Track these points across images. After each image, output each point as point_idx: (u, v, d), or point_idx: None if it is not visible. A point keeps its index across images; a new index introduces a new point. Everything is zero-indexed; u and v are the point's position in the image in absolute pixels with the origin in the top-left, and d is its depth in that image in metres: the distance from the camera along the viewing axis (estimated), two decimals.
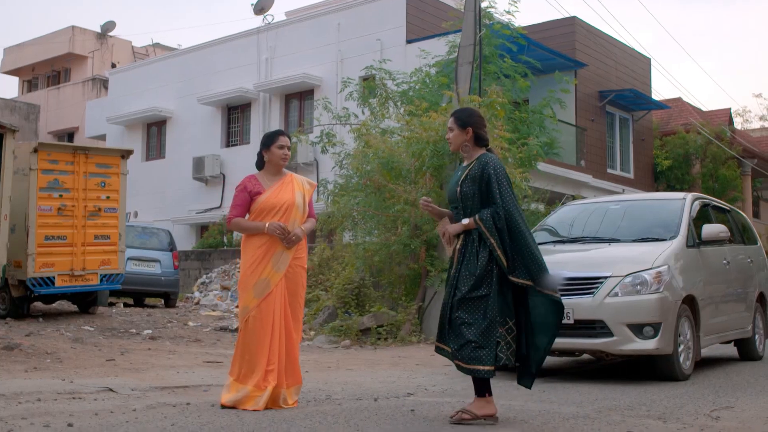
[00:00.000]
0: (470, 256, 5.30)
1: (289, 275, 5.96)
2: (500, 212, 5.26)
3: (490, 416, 5.22)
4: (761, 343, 10.34)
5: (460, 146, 5.55)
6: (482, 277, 5.22)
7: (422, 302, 12.72)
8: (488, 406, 5.23)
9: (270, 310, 5.83)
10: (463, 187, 5.43)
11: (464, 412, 5.23)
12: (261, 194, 6.07)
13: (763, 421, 5.50)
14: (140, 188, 26.61)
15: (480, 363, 5.12)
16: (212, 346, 10.96)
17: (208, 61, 27.81)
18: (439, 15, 22.54)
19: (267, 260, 5.90)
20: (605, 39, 26.41)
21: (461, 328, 5.19)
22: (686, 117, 31.82)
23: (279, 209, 6.02)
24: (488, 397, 5.24)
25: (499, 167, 5.39)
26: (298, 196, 6.12)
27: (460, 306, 5.22)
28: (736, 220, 10.51)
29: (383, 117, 15.05)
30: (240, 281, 5.97)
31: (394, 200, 12.75)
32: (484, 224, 5.27)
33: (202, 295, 18.98)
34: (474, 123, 5.53)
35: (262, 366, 5.74)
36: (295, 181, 6.25)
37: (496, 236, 5.24)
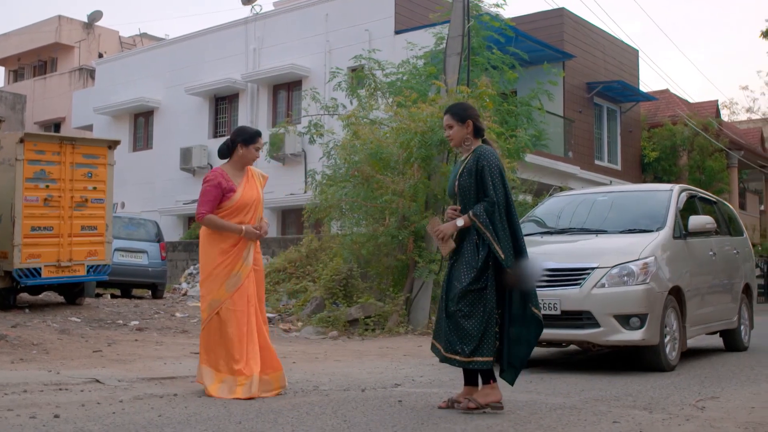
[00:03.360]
0: (470, 249, 5.32)
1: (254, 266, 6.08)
2: (494, 204, 5.27)
3: (495, 402, 5.26)
4: (746, 334, 10.41)
5: (462, 141, 5.54)
6: (483, 269, 5.25)
7: (410, 293, 12.73)
8: (493, 392, 5.27)
9: (244, 301, 5.93)
10: (461, 180, 5.44)
11: (470, 401, 5.27)
12: (234, 192, 6.04)
13: (747, 411, 5.54)
14: (127, 179, 26.52)
15: (480, 355, 5.15)
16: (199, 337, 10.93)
17: (195, 51, 27.71)
18: (427, 6, 22.51)
19: (239, 255, 5.98)
20: (593, 31, 26.45)
21: (462, 320, 5.20)
22: (673, 109, 31.93)
23: (250, 207, 6.10)
24: (492, 383, 5.28)
25: (492, 159, 5.38)
26: (261, 192, 6.22)
27: (462, 299, 5.22)
28: (723, 212, 10.56)
29: (371, 108, 15.03)
30: (207, 275, 5.97)
31: (382, 191, 12.74)
32: (479, 219, 5.27)
33: (189, 286, 18.94)
34: (472, 115, 5.55)
35: (243, 354, 5.83)
36: (255, 175, 6.26)
37: (491, 230, 5.25)
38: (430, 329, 12.18)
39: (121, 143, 15.35)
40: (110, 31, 39.64)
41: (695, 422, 5.11)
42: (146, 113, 29.41)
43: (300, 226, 20.66)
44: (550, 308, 7.49)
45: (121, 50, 36.96)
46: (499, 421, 5.03)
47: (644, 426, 4.94)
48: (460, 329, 5.20)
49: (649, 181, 28.67)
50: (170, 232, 25.49)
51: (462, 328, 5.19)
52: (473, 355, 5.16)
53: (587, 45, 25.76)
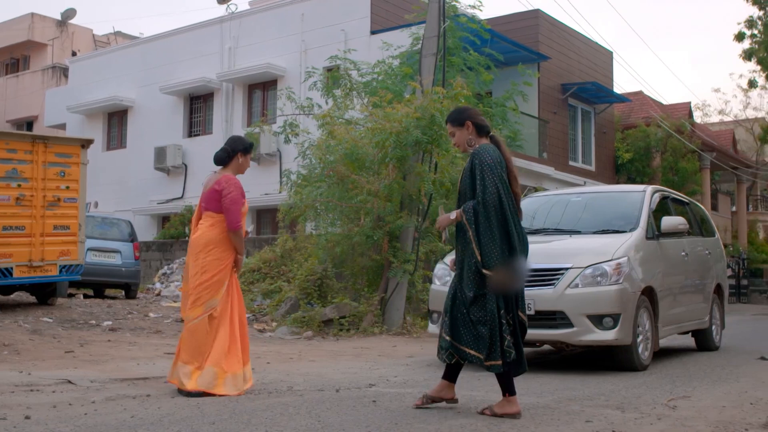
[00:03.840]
0: (470, 253, 5.28)
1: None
2: (480, 204, 5.22)
3: (512, 415, 5.15)
4: (718, 334, 10.51)
5: (466, 143, 5.46)
6: (482, 274, 5.19)
7: (384, 293, 12.73)
8: (510, 405, 5.18)
9: (229, 302, 6.15)
10: (461, 181, 5.45)
11: (487, 408, 5.26)
12: (245, 199, 6.34)
13: (718, 410, 5.59)
14: (101, 178, 26.33)
15: (493, 359, 5.13)
16: (173, 337, 10.88)
17: (170, 50, 27.55)
18: (403, 6, 22.54)
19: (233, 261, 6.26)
20: (568, 32, 26.59)
21: (477, 326, 5.17)
22: (647, 110, 32.17)
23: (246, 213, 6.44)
24: (509, 396, 5.19)
25: (484, 157, 5.26)
26: None
27: (472, 304, 5.20)
28: (695, 213, 10.65)
29: (347, 107, 15.02)
30: (214, 280, 6.06)
31: (357, 191, 12.74)
32: (466, 215, 5.26)
33: (163, 286, 18.85)
34: (469, 115, 5.50)
35: (234, 350, 6.02)
36: None
37: (473, 228, 5.20)
38: (405, 329, 12.20)
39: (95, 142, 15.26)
40: (84, 29, 39.32)
41: (667, 421, 5.15)
42: (120, 112, 29.20)
43: (275, 226, 20.62)
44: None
45: (94, 48, 36.66)
46: (473, 420, 5.05)
47: (617, 425, 4.97)
48: (476, 333, 5.17)
49: (623, 182, 28.87)
50: (144, 232, 25.34)
51: (478, 333, 5.16)
52: (488, 359, 5.14)
53: (562, 46, 25.90)
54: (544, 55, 24.08)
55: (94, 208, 26.23)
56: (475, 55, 17.61)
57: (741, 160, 40.00)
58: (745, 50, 29.46)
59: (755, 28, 29.48)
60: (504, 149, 5.43)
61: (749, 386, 6.91)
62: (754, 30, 29.54)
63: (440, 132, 12.40)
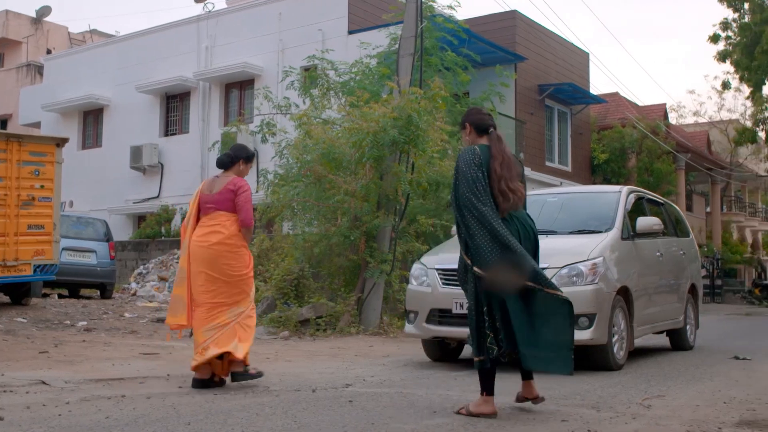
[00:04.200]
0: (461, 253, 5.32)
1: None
2: (455, 208, 5.22)
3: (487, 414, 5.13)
4: (692, 334, 10.60)
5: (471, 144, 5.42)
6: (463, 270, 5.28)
7: (361, 293, 12.72)
8: (485, 405, 5.15)
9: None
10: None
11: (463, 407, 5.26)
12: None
13: (692, 409, 5.63)
14: (76, 177, 26.09)
15: (476, 354, 5.17)
16: (149, 337, 10.82)
17: (146, 48, 27.40)
18: (380, 6, 22.54)
19: None
20: (545, 33, 26.71)
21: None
22: (623, 111, 32.40)
23: None
24: (486, 396, 5.16)
25: (458, 162, 5.24)
26: None
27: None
28: (670, 213, 10.73)
29: (324, 107, 15.00)
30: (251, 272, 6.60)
31: (334, 191, 12.72)
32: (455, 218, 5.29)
33: (138, 286, 18.74)
34: (468, 117, 5.51)
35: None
36: None
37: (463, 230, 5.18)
38: (382, 329, 12.20)
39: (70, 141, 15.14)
40: (59, 26, 39.04)
41: (642, 420, 5.18)
42: (96, 111, 29.01)
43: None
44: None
45: (70, 46, 36.40)
46: (449, 420, 5.05)
47: (592, 424, 5.00)
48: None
49: (599, 182, 29.05)
50: (120, 232, 25.17)
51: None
52: (474, 354, 5.17)
53: (539, 47, 26.01)
54: (521, 56, 24.17)
55: (69, 207, 26.09)
56: (453, 56, 17.64)
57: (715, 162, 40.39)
58: (719, 52, 29.75)
59: (730, 30, 29.79)
60: (496, 147, 5.29)
61: (723, 385, 6.97)
62: (728, 32, 29.86)
63: (417, 132, 12.41)
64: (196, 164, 25.32)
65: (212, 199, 6.48)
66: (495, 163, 5.22)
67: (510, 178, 5.23)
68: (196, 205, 6.57)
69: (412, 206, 13.36)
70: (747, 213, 49.92)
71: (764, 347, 11.37)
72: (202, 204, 6.54)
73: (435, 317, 8.09)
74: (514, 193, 5.22)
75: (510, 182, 5.22)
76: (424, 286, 8.27)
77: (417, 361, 8.68)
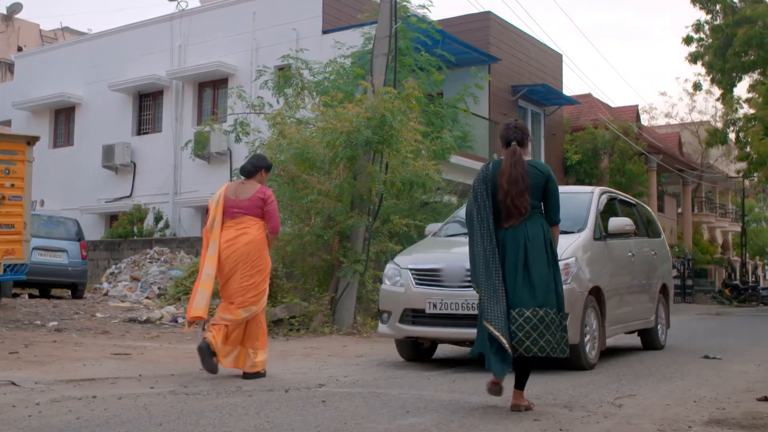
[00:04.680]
0: None
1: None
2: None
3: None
4: (663, 333, 10.69)
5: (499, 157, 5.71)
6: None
7: (335, 293, 12.71)
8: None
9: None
10: None
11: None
12: None
13: (663, 408, 5.68)
14: (47, 176, 25.82)
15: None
16: (121, 337, 10.75)
17: (119, 46, 27.19)
18: (355, 6, 22.52)
19: None
20: (519, 34, 26.82)
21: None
22: (595, 113, 32.61)
23: None
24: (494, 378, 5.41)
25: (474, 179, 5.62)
26: None
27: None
28: (642, 214, 10.80)
29: (298, 107, 14.97)
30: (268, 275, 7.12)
31: (307, 191, 12.70)
32: None
33: (110, 286, 18.59)
34: (499, 133, 5.73)
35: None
36: None
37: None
38: (356, 329, 12.20)
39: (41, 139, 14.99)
40: (30, 24, 38.64)
41: (613, 419, 5.22)
42: (67, 109, 28.75)
43: None
44: (473, 308, 7.57)
45: (41, 44, 36.05)
46: (422, 420, 5.07)
47: (564, 423, 5.03)
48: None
49: (572, 183, 29.21)
50: (91, 231, 24.96)
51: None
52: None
53: (512, 48, 26.11)
54: (494, 56, 24.26)
55: (40, 206, 25.83)
56: (427, 56, 17.67)
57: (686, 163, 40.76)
58: (691, 53, 30.01)
59: (702, 32, 30.06)
60: (506, 162, 5.46)
61: (693, 384, 7.04)
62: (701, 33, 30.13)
63: (391, 132, 12.42)
64: (169, 163, 25.17)
65: (241, 204, 7.02)
66: (501, 179, 5.42)
67: (516, 193, 5.37)
68: (221, 208, 7.02)
69: (385, 206, 13.36)
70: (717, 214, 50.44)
71: (734, 347, 11.49)
72: (228, 208, 7.03)
73: (408, 317, 8.10)
74: (517, 208, 5.39)
75: (515, 198, 5.37)
76: (398, 286, 8.28)
77: (390, 361, 8.68)
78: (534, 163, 5.64)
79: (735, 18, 28.35)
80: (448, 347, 9.76)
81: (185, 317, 7.37)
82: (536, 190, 5.53)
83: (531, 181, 5.47)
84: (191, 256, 19.68)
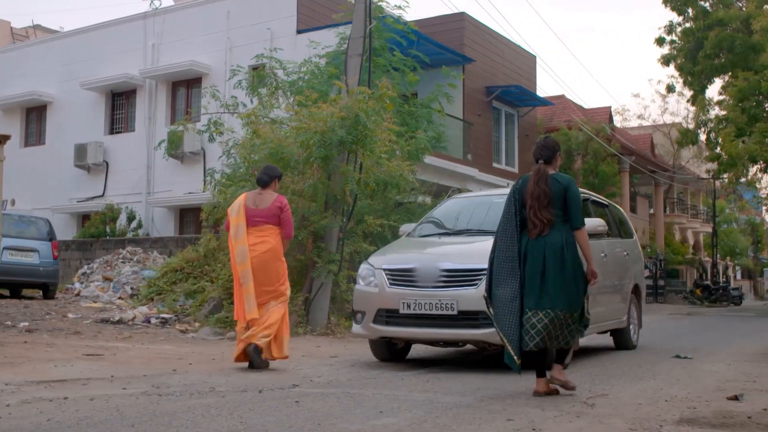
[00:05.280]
0: None
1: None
2: None
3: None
4: (635, 333, 10.76)
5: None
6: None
7: (309, 293, 12.69)
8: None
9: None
10: None
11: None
12: None
13: (635, 408, 5.73)
14: (18, 175, 25.55)
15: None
16: (93, 338, 10.67)
17: (92, 45, 26.97)
18: (330, 6, 22.50)
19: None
20: (493, 36, 26.91)
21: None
22: (569, 114, 32.81)
23: None
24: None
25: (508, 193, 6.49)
26: None
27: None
28: (614, 215, 10.87)
29: (272, 106, 14.93)
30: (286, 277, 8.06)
31: (281, 191, 12.66)
32: None
33: (82, 286, 18.43)
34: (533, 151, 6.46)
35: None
36: None
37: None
38: (329, 329, 12.19)
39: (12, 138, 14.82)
40: (1, 21, 38.21)
41: (585, 419, 5.25)
42: (39, 108, 28.49)
43: (198, 225, 20.36)
44: (447, 308, 7.59)
45: (12, 42, 35.65)
46: (396, 420, 5.07)
47: (536, 423, 5.05)
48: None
49: None
50: (63, 231, 24.75)
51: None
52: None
53: (486, 49, 26.19)
54: (468, 57, 24.32)
55: (11, 206, 25.57)
56: (401, 57, 17.69)
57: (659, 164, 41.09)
58: (663, 56, 30.26)
59: (674, 34, 30.32)
60: (531, 180, 6.19)
61: (665, 384, 7.10)
62: (673, 35, 30.39)
63: (365, 132, 12.42)
64: (142, 163, 25.01)
65: (262, 213, 7.85)
66: (526, 195, 6.18)
67: (538, 207, 6.09)
68: (244, 217, 7.81)
69: (359, 206, 13.35)
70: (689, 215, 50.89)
71: (705, 346, 11.61)
72: (250, 217, 7.83)
73: (382, 317, 8.10)
74: (540, 220, 6.08)
75: (538, 211, 6.08)
76: (372, 287, 8.28)
77: (364, 362, 8.69)
78: (556, 176, 6.25)
79: (706, 22, 28.62)
80: (422, 347, 9.77)
81: (234, 318, 8.24)
82: (558, 201, 6.13)
83: (553, 193, 6.10)
84: (164, 256, 19.57)
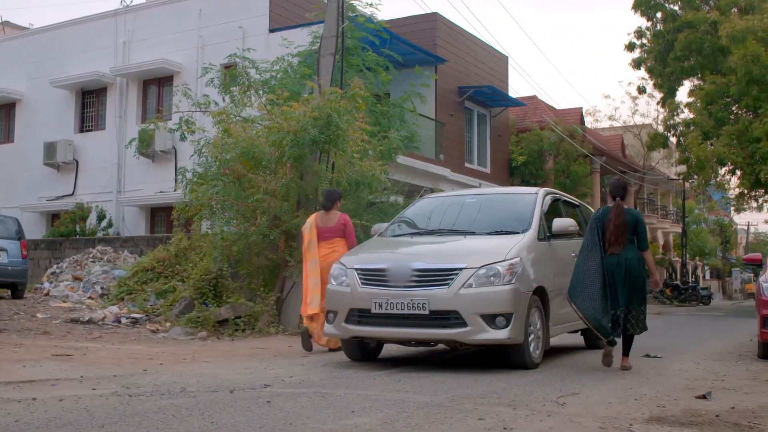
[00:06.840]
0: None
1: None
2: None
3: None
4: None
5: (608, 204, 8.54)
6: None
7: (281, 293, 12.67)
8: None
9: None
10: None
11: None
12: None
13: (605, 407, 5.77)
14: None
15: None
16: (62, 338, 10.58)
17: (62, 42, 26.73)
18: (302, 5, 22.47)
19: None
20: (465, 36, 26.99)
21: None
22: (541, 115, 32.95)
23: None
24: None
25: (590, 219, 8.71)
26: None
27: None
28: (585, 215, 10.93)
29: (244, 105, 14.87)
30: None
31: (253, 190, 12.63)
32: None
33: (52, 286, 18.24)
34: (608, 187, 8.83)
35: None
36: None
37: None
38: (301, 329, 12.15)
39: None
40: None
41: (556, 417, 5.28)
42: (7, 105, 28.17)
43: (169, 224, 20.24)
44: (418, 308, 7.60)
45: None
46: (368, 420, 5.07)
47: (508, 422, 5.07)
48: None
49: (517, 184, 29.48)
50: (32, 230, 24.49)
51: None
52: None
53: (459, 50, 26.27)
54: (441, 57, 24.38)
55: None
56: (374, 56, 17.70)
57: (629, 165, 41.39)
58: (634, 59, 30.57)
59: (644, 38, 30.62)
60: (612, 212, 8.31)
61: (634, 383, 7.16)
62: (643, 40, 30.69)
63: (337, 132, 12.41)
64: (113, 161, 24.82)
65: (330, 229, 9.76)
66: (608, 222, 8.25)
67: (617, 233, 8.18)
68: (315, 233, 9.69)
69: None
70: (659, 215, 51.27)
71: (674, 345, 11.72)
72: (321, 233, 9.71)
73: (354, 317, 8.09)
74: (618, 242, 8.18)
75: (616, 236, 8.17)
76: (344, 286, 8.27)
77: (336, 362, 8.68)
78: (630, 210, 8.39)
79: (676, 24, 28.90)
80: (394, 347, 9.78)
81: (300, 312, 10.05)
82: (630, 228, 8.23)
83: (628, 224, 8.20)
84: (135, 256, 19.43)
